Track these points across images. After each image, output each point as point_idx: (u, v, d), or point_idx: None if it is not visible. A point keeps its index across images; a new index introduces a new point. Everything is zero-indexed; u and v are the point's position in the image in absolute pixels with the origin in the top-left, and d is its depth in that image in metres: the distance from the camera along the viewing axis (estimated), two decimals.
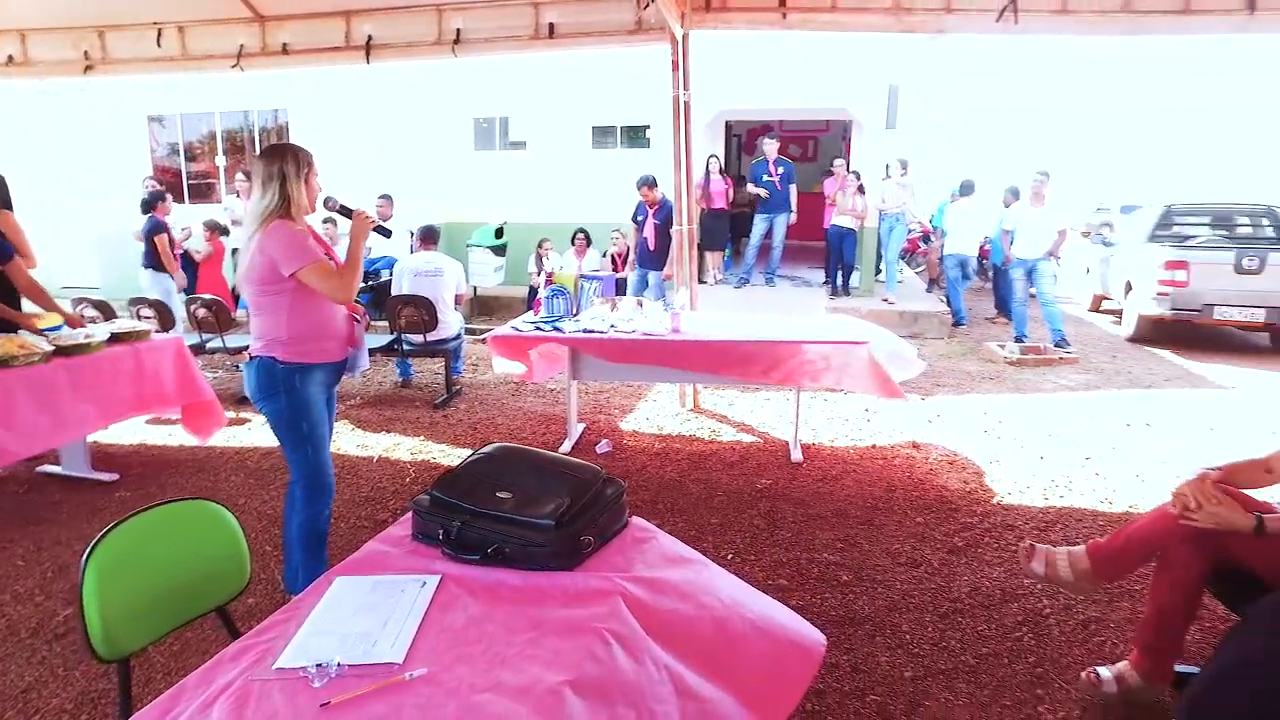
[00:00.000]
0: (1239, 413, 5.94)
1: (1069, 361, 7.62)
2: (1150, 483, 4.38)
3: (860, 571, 3.42)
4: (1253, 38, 5.18)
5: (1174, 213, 9.50)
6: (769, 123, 13.42)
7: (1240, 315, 8.07)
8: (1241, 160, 25.10)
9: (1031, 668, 2.77)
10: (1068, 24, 5.13)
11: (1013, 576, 3.37)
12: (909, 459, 4.84)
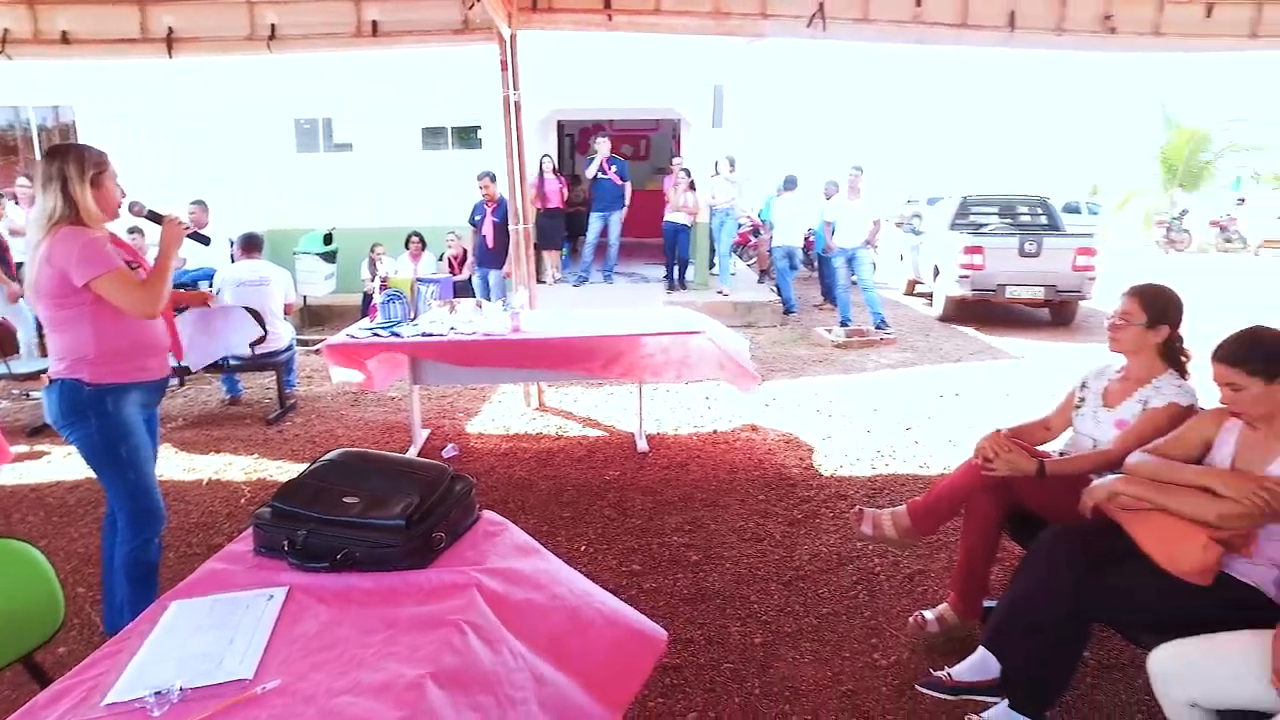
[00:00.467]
0: (1028, 379, 6.69)
1: (889, 342, 8.27)
2: (961, 446, 4.86)
3: (709, 550, 3.58)
4: (1014, 51, 5.86)
5: (969, 203, 10.52)
6: (601, 122, 13.59)
7: (1026, 293, 9.08)
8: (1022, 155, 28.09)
9: (867, 621, 3.03)
10: (868, 31, 5.57)
11: (847, 541, 3.65)
12: (749, 441, 5.10)
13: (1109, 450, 2.47)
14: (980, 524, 2.70)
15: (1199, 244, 20.58)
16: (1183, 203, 22.05)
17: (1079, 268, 8.96)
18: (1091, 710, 2.52)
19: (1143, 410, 2.47)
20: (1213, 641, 1.87)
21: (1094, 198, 25.82)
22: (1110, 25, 5.58)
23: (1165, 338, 2.53)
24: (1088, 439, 2.64)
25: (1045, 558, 2.26)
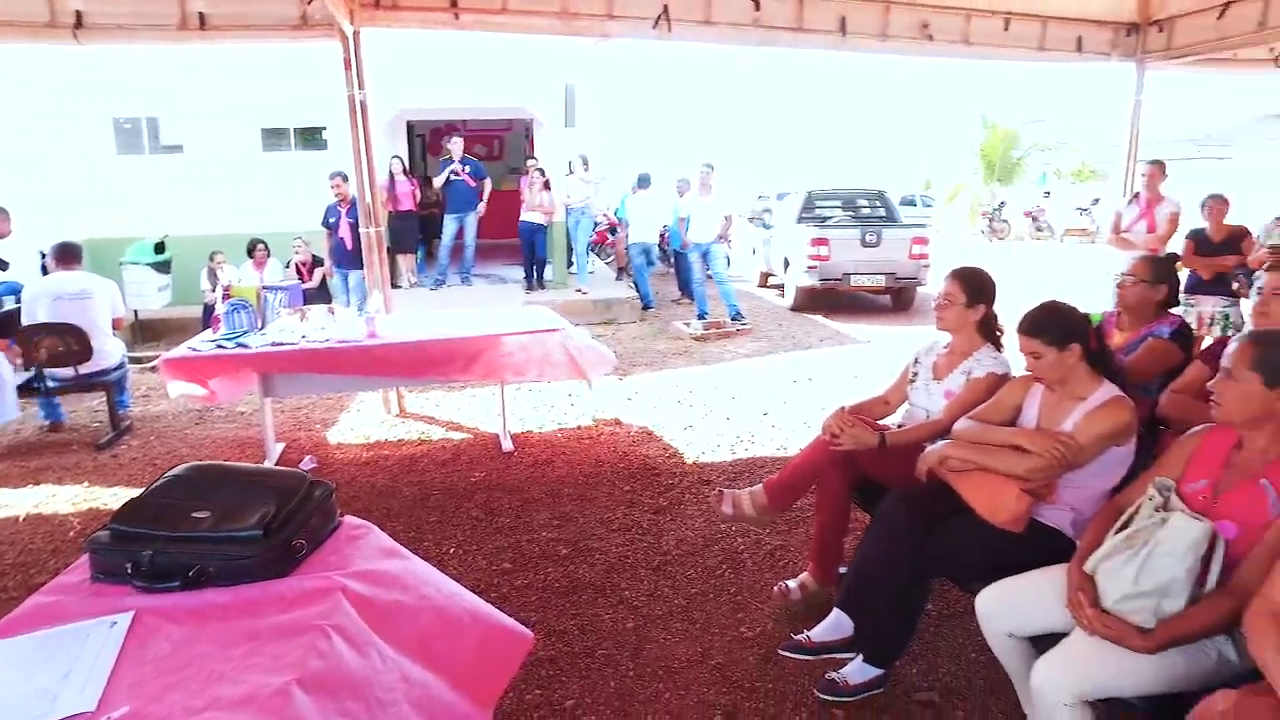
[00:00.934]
0: (874, 361, 7.15)
1: (745, 333, 8.60)
2: (815, 427, 5.09)
3: (578, 543, 3.63)
4: (846, 54, 6.26)
5: (814, 197, 11.10)
6: (453, 122, 13.34)
7: (869, 281, 9.70)
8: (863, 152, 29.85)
9: (733, 597, 3.17)
10: (710, 34, 5.79)
11: (711, 525, 3.79)
12: (613, 435, 5.19)
13: (939, 419, 2.71)
14: (831, 496, 2.89)
15: (1016, 233, 22.58)
16: (1001, 196, 24.12)
17: (915, 256, 9.68)
18: (935, 655, 2.76)
19: (966, 381, 2.73)
20: (1023, 579, 2.10)
21: (927, 191, 27.81)
22: (928, 33, 6.07)
23: (983, 315, 2.80)
24: (921, 410, 2.88)
25: (887, 521, 2.47)
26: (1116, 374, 2.35)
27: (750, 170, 24.99)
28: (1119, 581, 1.80)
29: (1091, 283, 6.98)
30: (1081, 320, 2.31)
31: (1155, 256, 3.47)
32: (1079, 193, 23.95)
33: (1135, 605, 1.78)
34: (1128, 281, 3.09)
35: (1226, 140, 25.55)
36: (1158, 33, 6.56)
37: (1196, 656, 1.79)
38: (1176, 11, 6.37)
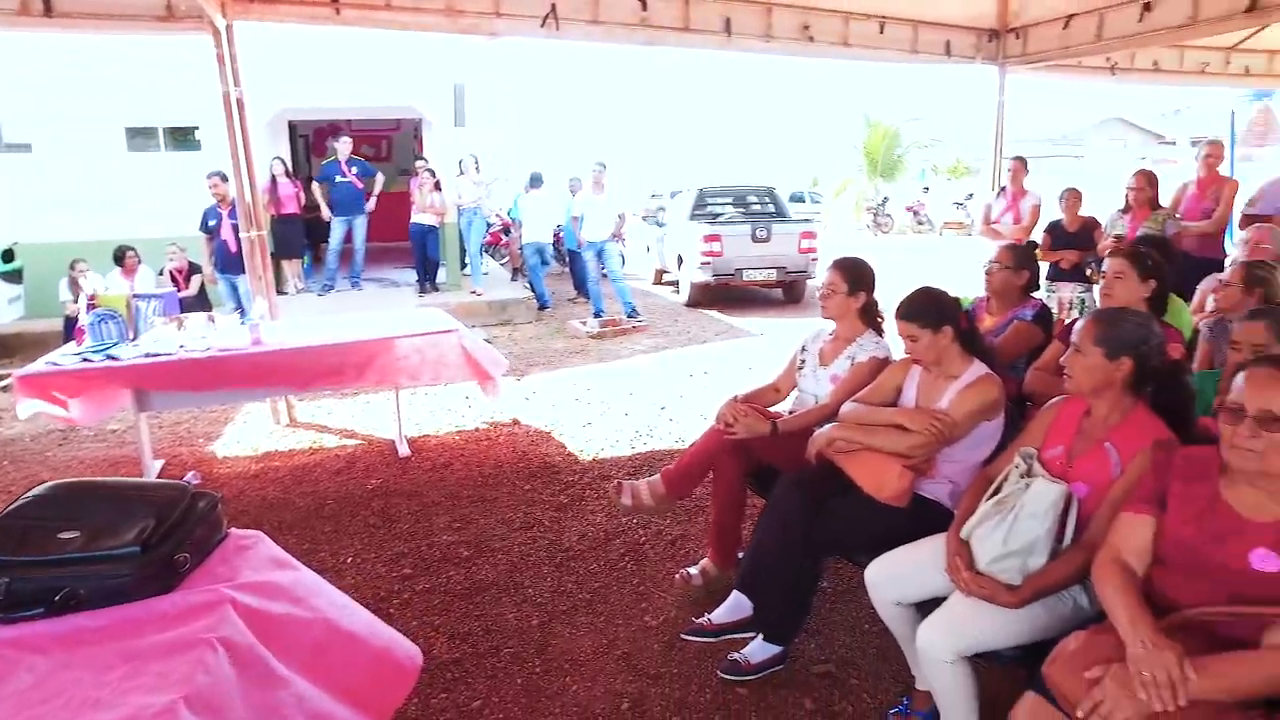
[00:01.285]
0: (768, 353, 7.36)
1: (641, 329, 8.69)
2: (711, 419, 5.22)
3: (480, 544, 3.60)
4: (732, 54, 6.41)
5: (706, 195, 11.31)
6: (337, 122, 12.88)
7: (760, 276, 9.97)
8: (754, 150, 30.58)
9: (636, 588, 3.22)
10: (599, 33, 5.81)
11: (613, 518, 3.83)
12: (512, 435, 5.16)
13: (826, 403, 2.83)
14: (727, 483, 2.97)
15: (899, 227, 23.66)
16: (884, 192, 25.23)
17: (804, 250, 10.02)
18: (831, 629, 2.89)
19: (850, 366, 2.86)
20: (907, 550, 2.23)
21: (815, 188, 28.79)
22: (809, 35, 6.28)
23: (864, 303, 2.94)
24: (810, 396, 2.99)
25: (781, 504, 2.56)
26: (986, 354, 2.51)
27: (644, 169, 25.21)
28: (990, 545, 1.94)
29: (967, 271, 7.40)
30: (953, 304, 2.46)
31: (1017, 245, 3.72)
32: (956, 188, 25.37)
33: (1005, 565, 1.92)
34: (994, 268, 3.30)
35: (1078, 140, 27.56)
36: (1015, 39, 7.03)
37: (1056, 606, 1.95)
38: (1030, 21, 6.83)
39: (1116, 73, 7.67)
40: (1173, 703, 1.44)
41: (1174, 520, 1.71)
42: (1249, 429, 1.57)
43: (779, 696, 2.53)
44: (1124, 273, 2.92)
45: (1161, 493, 1.75)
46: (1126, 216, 5.62)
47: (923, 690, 2.34)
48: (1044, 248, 5.96)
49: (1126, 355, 1.96)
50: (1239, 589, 1.59)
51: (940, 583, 2.08)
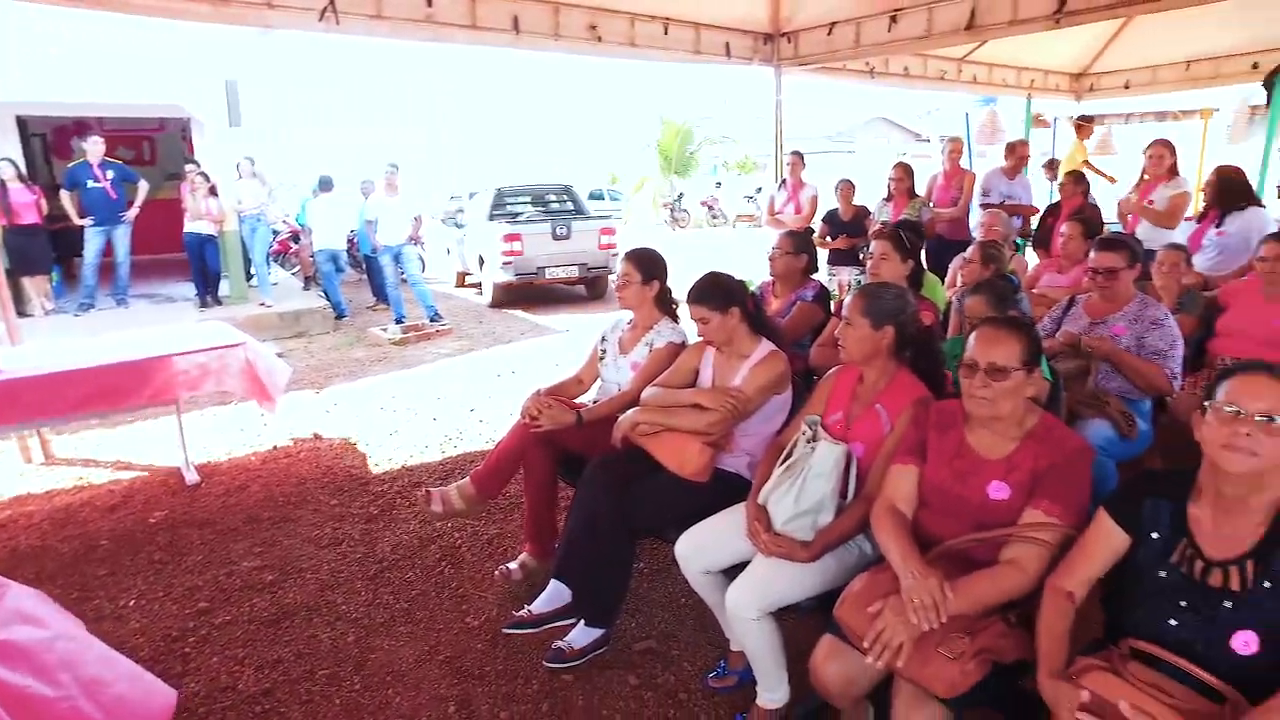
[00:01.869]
0: (574, 349, 7.45)
1: (445, 333, 8.50)
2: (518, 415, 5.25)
3: (285, 567, 3.39)
4: (521, 52, 6.42)
5: (504, 194, 11.23)
6: (85, 120, 11.48)
7: (563, 273, 10.06)
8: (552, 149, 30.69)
9: (455, 591, 3.17)
10: (383, 28, 5.59)
11: (427, 525, 3.74)
12: (314, 450, 4.88)
13: (629, 390, 2.92)
14: (537, 475, 3.00)
15: (695, 221, 24.72)
16: (680, 187, 26.23)
17: (604, 246, 10.22)
18: (650, 607, 3.00)
19: (649, 352, 2.98)
20: (712, 521, 2.37)
21: (613, 185, 29.40)
22: (597, 35, 6.41)
23: (658, 291, 3.07)
24: (613, 384, 3.08)
25: (589, 489, 2.62)
26: (773, 333, 2.71)
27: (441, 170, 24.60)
28: (784, 506, 2.10)
29: (757, 259, 7.88)
30: (739, 287, 2.63)
31: (795, 231, 4.02)
32: (746, 182, 26.89)
33: (798, 524, 2.10)
34: (776, 254, 3.57)
35: (849, 137, 30.10)
36: (787, 43, 7.55)
37: (844, 556, 2.15)
38: (799, 26, 7.38)
39: (875, 76, 8.46)
40: (937, 620, 1.64)
41: (931, 466, 1.95)
42: (981, 380, 1.83)
43: (604, 677, 2.60)
44: (888, 254, 3.26)
45: (921, 443, 1.99)
46: (889, 205, 6.25)
47: (737, 651, 2.50)
48: (821, 235, 6.48)
49: (889, 324, 2.20)
50: (981, 518, 1.84)
51: (744, 548, 2.23)
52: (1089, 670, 1.54)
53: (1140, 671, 1.51)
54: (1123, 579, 1.66)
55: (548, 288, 10.60)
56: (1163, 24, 8.39)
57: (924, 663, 1.66)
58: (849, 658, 1.85)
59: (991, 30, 6.11)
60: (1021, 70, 9.81)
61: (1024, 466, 1.84)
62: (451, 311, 9.64)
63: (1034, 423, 1.89)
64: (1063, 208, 5.99)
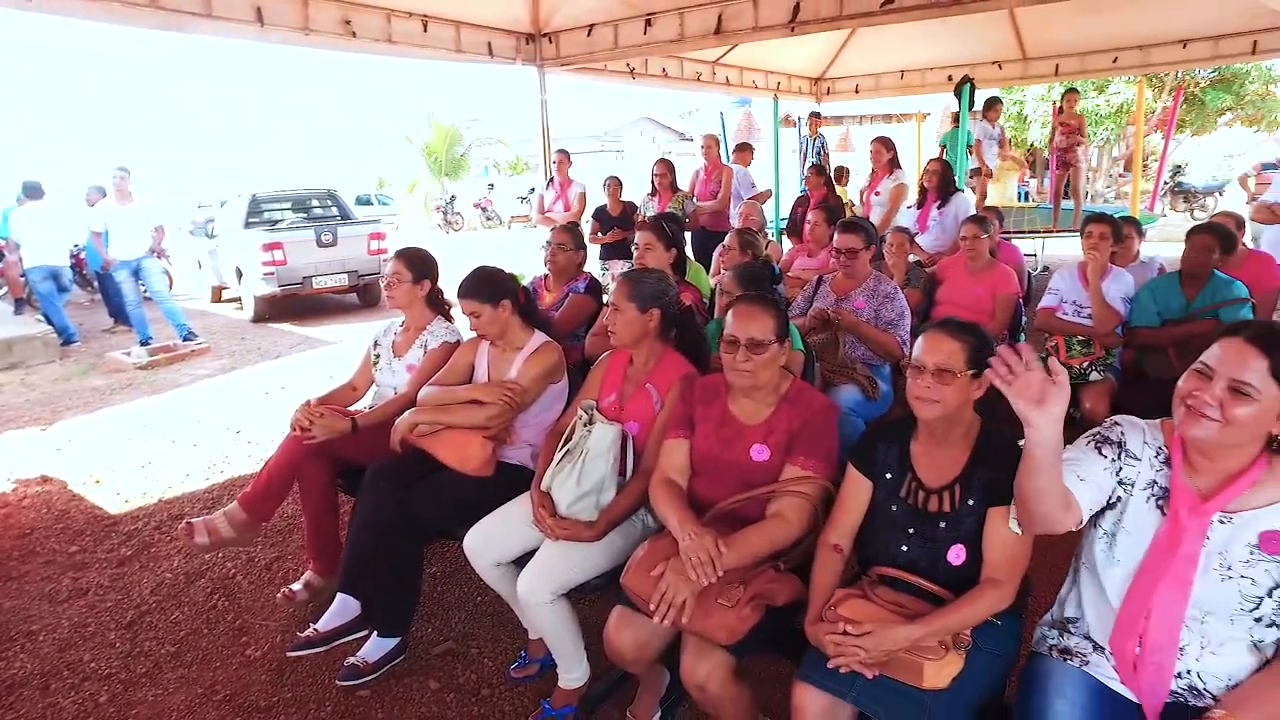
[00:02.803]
0: (349, 360, 7.06)
1: (201, 352, 7.74)
2: None
3: (9, 632, 2.93)
4: (267, 45, 6.00)
5: (260, 200, 10.40)
6: None
7: (332, 282, 9.52)
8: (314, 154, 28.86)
9: (231, 624, 2.93)
10: (97, 10, 4.96)
11: (192, 559, 3.42)
12: (42, 496, 4.25)
13: (405, 392, 2.86)
14: (315, 488, 2.84)
15: (470, 223, 24.31)
16: (452, 190, 25.67)
17: (374, 252, 9.78)
18: (446, 610, 2.96)
19: (424, 353, 2.92)
20: (499, 513, 2.38)
21: (382, 189, 28.18)
22: (351, 30, 6.12)
23: (429, 290, 3.01)
24: (389, 388, 2.99)
25: (370, 495, 2.53)
26: (544, 325, 2.77)
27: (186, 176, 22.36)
28: (567, 490, 2.16)
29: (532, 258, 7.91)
30: (509, 279, 2.66)
31: (572, 226, 4.10)
32: (519, 183, 26.84)
33: (582, 505, 2.16)
34: (557, 249, 3.63)
35: (617, 137, 31.05)
36: (549, 43, 7.64)
37: (629, 531, 2.25)
38: (559, 27, 7.50)
39: (636, 77, 8.79)
40: (714, 575, 1.77)
41: (700, 437, 2.09)
42: (744, 354, 1.98)
43: (403, 686, 2.53)
44: (652, 243, 3.43)
45: (689, 417, 2.13)
46: (654, 199, 6.54)
47: (536, 639, 2.53)
48: (592, 232, 6.66)
49: (654, 307, 2.32)
50: (748, 479, 2.01)
51: (531, 536, 2.26)
52: (845, 599, 1.74)
53: (885, 593, 1.74)
54: (869, 518, 1.88)
55: (316, 298, 9.98)
56: (880, 37, 9.49)
57: (706, 615, 1.78)
58: (639, 624, 1.95)
59: (737, 35, 6.58)
60: (769, 74, 10.64)
61: (781, 428, 2.02)
62: (208, 329, 8.80)
63: (787, 387, 2.08)
64: (810, 199, 6.58)
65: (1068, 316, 3.92)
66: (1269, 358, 1.37)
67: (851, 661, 1.61)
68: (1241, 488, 1.44)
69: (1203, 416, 1.40)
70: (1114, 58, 9.42)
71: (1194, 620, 1.46)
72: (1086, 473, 1.56)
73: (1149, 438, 1.58)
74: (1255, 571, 1.43)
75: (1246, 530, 1.44)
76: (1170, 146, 14.11)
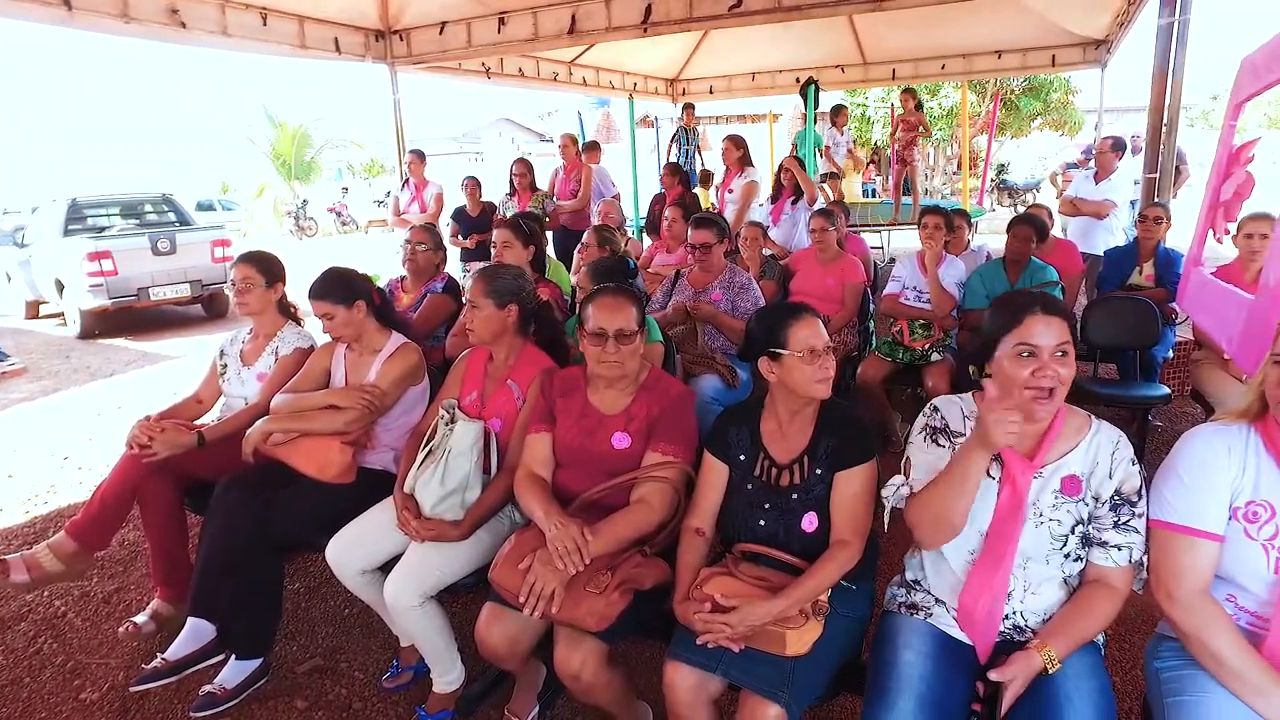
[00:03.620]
0: (193, 375, 6.57)
1: (15, 374, 7.00)
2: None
3: None
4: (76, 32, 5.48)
5: (82, 206, 9.56)
6: None
7: (172, 293, 8.85)
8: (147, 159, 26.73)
9: (62, 667, 2.69)
10: None
11: (9, 601, 3.09)
12: None
13: (257, 402, 2.71)
14: (159, 509, 2.65)
15: (324, 229, 23.23)
16: (303, 194, 24.43)
17: (219, 259, 9.16)
18: (312, 625, 2.84)
19: (276, 360, 2.78)
20: (362, 520, 2.31)
21: (226, 194, 26.47)
22: (179, 20, 5.70)
23: (280, 295, 2.88)
24: (239, 399, 2.83)
25: (221, 511, 2.39)
26: (402, 326, 2.70)
27: None
28: (431, 490, 2.12)
29: (389, 261, 7.65)
30: (363, 280, 2.58)
31: (430, 226, 4.02)
32: (377, 186, 25.86)
33: (447, 504, 2.13)
34: (418, 250, 3.54)
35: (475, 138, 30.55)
36: (400, 41, 7.43)
37: (496, 528, 2.24)
38: (410, 24, 7.31)
39: (492, 77, 8.70)
40: (581, 563, 1.80)
41: (562, 429, 2.11)
42: (613, 346, 2.01)
43: (267, 709, 2.41)
44: (510, 241, 3.42)
45: (550, 411, 2.14)
46: (514, 199, 6.49)
47: (408, 646, 2.47)
48: (453, 233, 6.54)
49: (512, 303, 2.31)
50: (611, 467, 2.04)
51: (397, 540, 2.21)
52: (711, 578, 1.80)
53: (748, 568, 1.81)
54: (727, 499, 1.95)
55: (155, 310, 9.26)
56: (732, 40, 9.81)
57: (576, 604, 1.80)
58: (510, 619, 1.94)
59: (591, 35, 6.63)
60: (625, 74, 10.77)
61: (640, 416, 2.07)
62: (24, 349, 7.98)
63: (645, 376, 2.13)
64: (667, 196, 6.72)
65: (909, 302, 4.21)
66: (1063, 318, 1.56)
67: (719, 638, 1.67)
68: (1051, 441, 1.61)
69: (1050, 395, 1.53)
70: (942, 64, 10.20)
71: (1018, 567, 1.62)
72: (924, 474, 1.69)
73: (967, 411, 1.73)
74: (1060, 514, 1.60)
75: (1053, 479, 1.61)
76: (994, 147, 15.41)
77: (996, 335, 1.59)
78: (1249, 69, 3.23)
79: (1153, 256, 4.50)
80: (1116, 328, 4.01)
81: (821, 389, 1.83)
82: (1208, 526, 1.48)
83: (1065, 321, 1.56)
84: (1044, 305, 1.57)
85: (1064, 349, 1.54)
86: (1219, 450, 1.51)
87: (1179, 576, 1.47)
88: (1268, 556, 1.44)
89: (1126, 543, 1.55)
